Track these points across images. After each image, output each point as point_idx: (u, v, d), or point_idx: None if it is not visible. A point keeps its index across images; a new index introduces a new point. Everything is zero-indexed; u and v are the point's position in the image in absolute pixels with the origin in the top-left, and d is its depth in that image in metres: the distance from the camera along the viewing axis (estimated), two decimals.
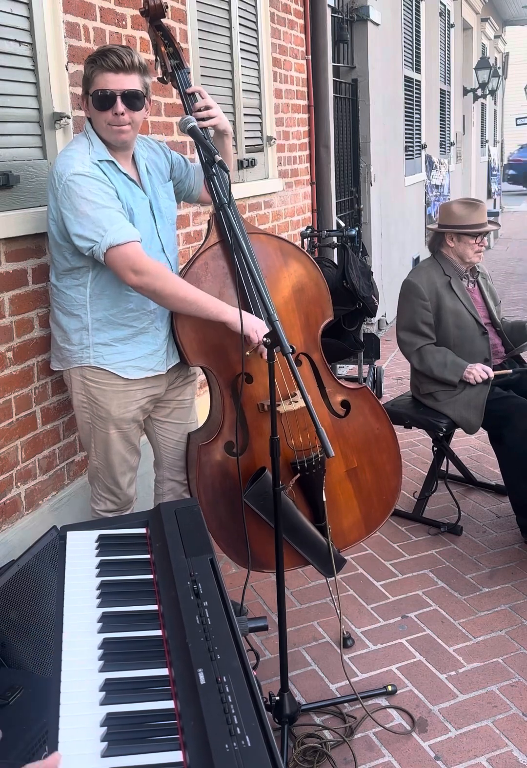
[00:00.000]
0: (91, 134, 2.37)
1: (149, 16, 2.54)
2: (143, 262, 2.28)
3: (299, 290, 2.61)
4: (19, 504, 2.62)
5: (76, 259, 2.35)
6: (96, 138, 2.36)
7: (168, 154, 2.63)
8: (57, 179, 2.27)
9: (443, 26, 10.54)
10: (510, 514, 3.54)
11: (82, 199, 2.24)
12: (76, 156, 2.29)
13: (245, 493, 2.41)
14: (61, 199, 2.27)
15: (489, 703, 2.47)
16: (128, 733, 1.10)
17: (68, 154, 2.32)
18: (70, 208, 2.25)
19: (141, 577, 1.48)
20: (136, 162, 2.48)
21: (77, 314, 2.41)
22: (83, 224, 2.25)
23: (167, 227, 2.55)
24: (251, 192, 4.45)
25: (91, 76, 2.30)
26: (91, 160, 2.30)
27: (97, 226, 2.24)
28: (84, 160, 2.29)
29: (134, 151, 2.46)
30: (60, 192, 2.26)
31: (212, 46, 4.00)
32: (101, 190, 2.27)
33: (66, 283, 2.40)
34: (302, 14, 5.19)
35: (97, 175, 2.29)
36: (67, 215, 2.26)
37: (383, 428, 2.71)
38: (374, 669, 2.66)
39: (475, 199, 3.66)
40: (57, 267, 2.41)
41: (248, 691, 1.15)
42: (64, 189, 2.25)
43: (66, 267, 2.38)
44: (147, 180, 2.49)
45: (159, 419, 2.67)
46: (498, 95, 17.73)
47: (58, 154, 2.38)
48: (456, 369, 3.42)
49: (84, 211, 2.24)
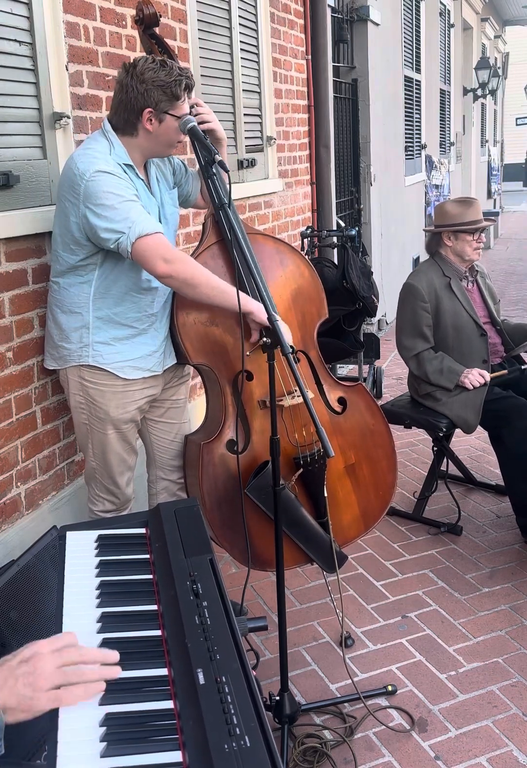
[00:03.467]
0: (111, 135, 2.38)
1: (143, 24, 2.54)
2: (172, 251, 2.32)
3: (295, 289, 2.64)
4: (19, 504, 2.62)
5: (88, 258, 2.35)
6: (117, 141, 2.37)
7: (171, 159, 2.64)
8: (79, 176, 2.27)
9: (443, 26, 10.54)
10: (510, 514, 3.54)
11: (108, 193, 2.25)
12: (98, 156, 2.31)
13: (247, 487, 2.42)
14: (86, 194, 2.26)
15: (489, 703, 2.47)
16: (128, 733, 1.10)
17: (90, 153, 2.32)
18: (96, 203, 2.26)
19: (140, 577, 1.48)
20: (147, 169, 2.52)
21: (78, 312, 2.41)
22: (110, 217, 2.25)
23: (171, 234, 2.59)
24: (251, 192, 4.45)
25: (181, 98, 2.35)
26: (113, 161, 2.33)
27: (124, 218, 2.25)
28: (107, 159, 2.32)
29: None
30: (83, 188, 2.26)
31: (212, 46, 4.00)
32: (126, 187, 2.30)
33: (69, 280, 2.40)
34: (302, 14, 5.20)
35: (120, 173, 2.32)
36: (93, 209, 2.26)
37: (378, 424, 2.73)
38: (375, 669, 2.66)
39: (468, 197, 3.67)
40: (61, 264, 2.40)
41: (248, 691, 1.15)
42: (88, 185, 2.26)
43: (71, 264, 2.37)
44: (156, 187, 2.53)
45: (153, 419, 2.68)
46: (498, 95, 17.73)
47: (76, 152, 2.37)
48: (452, 376, 3.44)
49: (111, 204, 2.25)
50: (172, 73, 2.32)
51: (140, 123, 2.35)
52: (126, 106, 2.35)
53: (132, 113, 2.35)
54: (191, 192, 2.73)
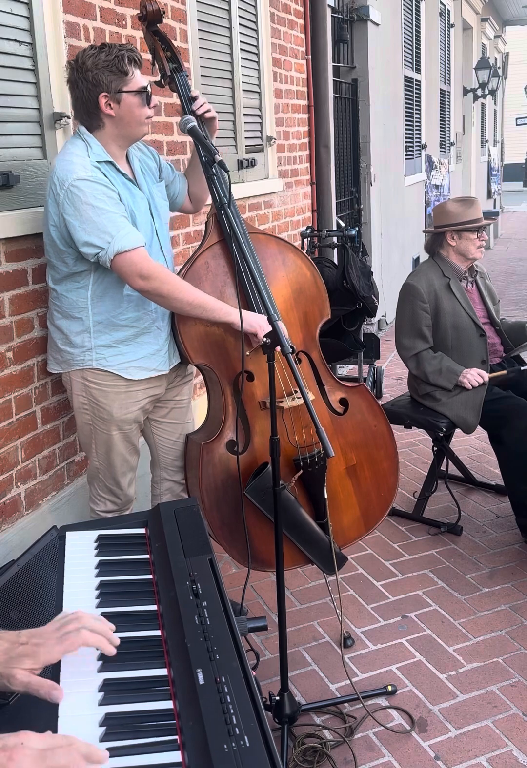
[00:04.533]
0: (86, 136, 2.36)
1: (146, 21, 2.54)
2: (150, 267, 2.29)
3: (297, 289, 2.63)
4: (19, 504, 2.62)
5: (78, 264, 2.34)
6: (93, 139, 2.35)
7: (156, 157, 2.64)
8: (58, 185, 2.26)
9: (443, 26, 10.54)
10: (510, 514, 3.54)
11: (86, 205, 2.23)
12: (76, 160, 2.28)
13: (246, 488, 2.42)
14: (64, 205, 2.25)
15: (489, 703, 2.47)
16: (127, 734, 1.10)
17: (67, 158, 2.30)
18: (75, 215, 2.24)
19: (140, 578, 1.48)
20: (130, 162, 2.49)
21: (79, 317, 2.41)
22: (89, 231, 2.24)
23: (164, 226, 2.56)
24: (251, 192, 4.44)
25: (129, 72, 2.31)
26: (91, 163, 2.29)
27: (103, 233, 2.23)
28: (85, 163, 2.28)
29: (126, 151, 2.47)
30: (62, 198, 2.25)
31: (212, 46, 4.00)
32: (105, 195, 2.27)
33: (67, 286, 2.40)
34: (302, 14, 5.19)
35: (99, 178, 2.28)
36: (72, 222, 2.25)
37: (381, 425, 2.73)
38: (374, 669, 2.66)
39: (469, 196, 3.67)
40: (57, 272, 2.40)
41: (247, 691, 1.15)
42: (67, 195, 2.24)
43: (66, 272, 2.37)
44: (142, 179, 2.50)
45: (157, 419, 2.67)
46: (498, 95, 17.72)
47: (56, 159, 2.35)
48: (451, 376, 3.44)
49: (89, 217, 2.23)
50: (112, 51, 2.31)
51: (101, 112, 2.33)
52: (82, 102, 2.34)
53: (90, 105, 2.33)
54: (178, 194, 2.71)
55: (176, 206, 2.77)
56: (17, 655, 1.16)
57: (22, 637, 1.19)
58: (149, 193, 2.50)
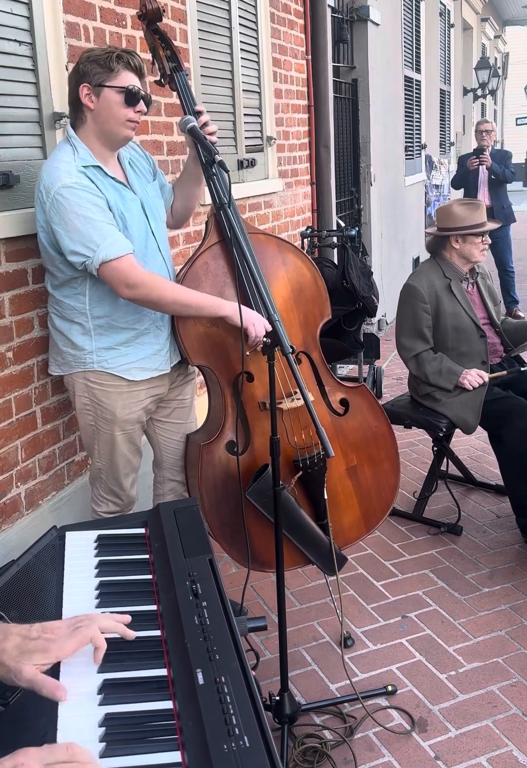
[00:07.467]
0: (74, 140, 2.34)
1: (146, 19, 2.54)
2: (136, 275, 2.27)
3: (297, 289, 2.62)
4: (19, 504, 2.62)
5: (71, 271, 2.33)
6: (79, 142, 2.33)
7: (150, 159, 2.63)
8: (44, 193, 2.24)
9: (443, 26, 10.54)
10: (510, 514, 3.54)
11: (71, 213, 2.21)
12: (61, 166, 2.26)
13: (247, 491, 2.41)
14: (50, 213, 2.24)
15: (489, 703, 2.47)
16: (127, 734, 1.10)
17: (54, 165, 2.28)
18: (60, 224, 2.23)
19: (140, 578, 1.48)
20: (121, 163, 2.47)
21: (79, 322, 2.40)
22: (75, 240, 2.23)
23: (160, 225, 2.54)
24: (251, 192, 4.44)
25: (115, 69, 2.29)
26: (77, 168, 2.27)
27: (88, 241, 2.22)
28: (70, 169, 2.25)
29: (117, 153, 2.46)
30: (49, 206, 2.23)
31: (212, 46, 4.00)
32: (90, 203, 2.24)
33: (64, 292, 2.39)
34: (302, 14, 5.19)
35: (85, 185, 2.25)
36: (58, 231, 2.24)
37: (382, 426, 2.72)
38: (374, 669, 2.66)
39: (474, 200, 3.68)
40: (54, 278, 2.39)
41: (247, 691, 1.15)
42: (53, 203, 2.22)
43: (63, 278, 2.36)
44: (134, 179, 2.48)
45: (160, 419, 2.67)
46: (498, 95, 17.73)
47: (43, 165, 2.34)
48: (451, 377, 3.45)
49: (74, 226, 2.21)
50: (108, 50, 2.32)
51: (82, 105, 2.32)
52: (70, 97, 2.35)
53: (73, 96, 2.34)
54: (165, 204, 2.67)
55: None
56: (29, 650, 1.16)
57: (34, 632, 1.19)
58: (143, 192, 2.48)
